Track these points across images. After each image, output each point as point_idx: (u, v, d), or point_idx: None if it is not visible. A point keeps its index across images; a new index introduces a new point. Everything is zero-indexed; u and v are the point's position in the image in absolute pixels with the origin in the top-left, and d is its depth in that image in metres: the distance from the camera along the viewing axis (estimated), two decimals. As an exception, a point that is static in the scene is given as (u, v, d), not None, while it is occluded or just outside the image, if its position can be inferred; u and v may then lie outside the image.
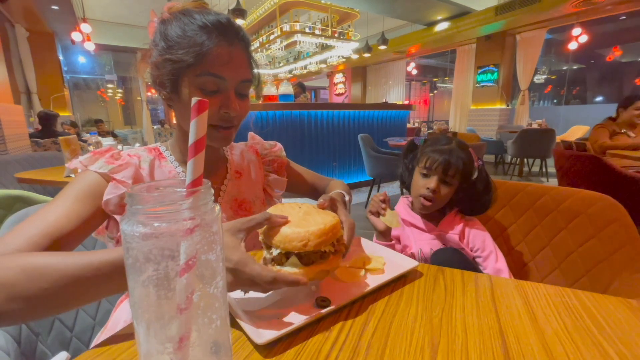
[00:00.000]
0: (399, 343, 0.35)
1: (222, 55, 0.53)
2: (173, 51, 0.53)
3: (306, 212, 0.43)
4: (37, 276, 0.35)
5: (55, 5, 5.58)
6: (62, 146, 1.48)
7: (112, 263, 0.37)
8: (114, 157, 0.56)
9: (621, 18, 7.52)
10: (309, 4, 6.11)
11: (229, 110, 0.55)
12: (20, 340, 0.49)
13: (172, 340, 0.22)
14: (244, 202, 0.69)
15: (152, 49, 0.57)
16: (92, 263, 0.36)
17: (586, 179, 1.84)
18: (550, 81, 11.58)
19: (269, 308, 0.41)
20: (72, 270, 0.36)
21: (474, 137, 4.44)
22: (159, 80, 0.56)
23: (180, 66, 0.53)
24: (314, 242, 0.38)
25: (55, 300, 0.36)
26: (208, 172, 0.66)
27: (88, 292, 0.37)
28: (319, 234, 0.39)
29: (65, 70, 8.94)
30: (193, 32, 0.53)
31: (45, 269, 0.35)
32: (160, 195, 0.23)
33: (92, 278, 0.36)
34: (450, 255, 0.71)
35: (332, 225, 0.40)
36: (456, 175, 0.77)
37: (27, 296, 0.34)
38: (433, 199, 0.77)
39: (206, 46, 0.52)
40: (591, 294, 0.44)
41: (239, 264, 0.36)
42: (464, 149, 0.78)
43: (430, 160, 0.77)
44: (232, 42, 0.55)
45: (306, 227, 0.39)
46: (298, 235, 0.38)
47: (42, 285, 0.34)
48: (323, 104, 4.11)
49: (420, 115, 13.76)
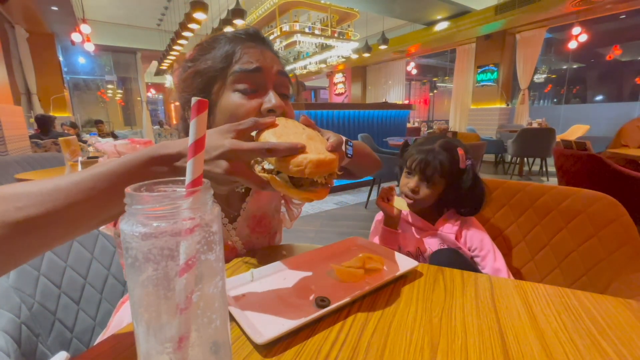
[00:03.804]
0: (398, 343, 0.35)
1: (252, 52, 0.52)
2: (201, 62, 0.53)
3: (309, 136, 0.41)
4: (11, 196, 0.31)
5: (55, 6, 5.59)
6: (62, 147, 1.49)
7: (93, 174, 0.33)
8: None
9: (621, 17, 7.51)
10: (309, 4, 6.11)
11: (273, 106, 0.50)
12: (20, 341, 0.49)
13: (171, 340, 0.22)
14: (264, 218, 0.65)
15: (179, 83, 0.56)
16: (71, 176, 0.33)
17: (586, 178, 1.84)
18: (550, 80, 11.59)
19: (268, 308, 0.42)
20: (49, 186, 0.32)
21: (474, 136, 4.44)
22: (190, 97, 0.55)
23: (211, 75, 0.52)
24: (310, 171, 0.37)
25: (36, 221, 0.31)
26: (230, 191, 0.62)
27: (71, 209, 0.32)
28: (317, 163, 0.37)
29: (65, 71, 8.96)
30: (220, 44, 0.53)
31: (20, 190, 0.32)
32: (160, 195, 0.23)
33: (72, 189, 0.32)
34: (450, 256, 0.71)
35: (331, 159, 0.39)
36: (435, 175, 0.77)
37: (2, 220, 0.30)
38: (413, 197, 0.79)
39: (233, 49, 0.52)
40: (591, 295, 0.44)
41: (234, 144, 0.35)
42: (447, 149, 0.78)
43: (411, 159, 0.80)
44: (261, 45, 0.54)
45: (306, 154, 0.38)
46: (295, 161, 0.37)
47: (17, 205, 0.30)
48: (323, 104, 4.12)
49: (420, 115, 13.77)
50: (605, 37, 9.79)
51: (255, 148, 0.36)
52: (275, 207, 0.69)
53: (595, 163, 1.76)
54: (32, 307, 0.55)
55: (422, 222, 0.82)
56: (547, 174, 4.61)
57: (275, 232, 0.71)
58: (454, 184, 0.78)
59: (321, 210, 3.25)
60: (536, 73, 9.43)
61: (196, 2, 4.81)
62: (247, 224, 0.63)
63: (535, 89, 11.13)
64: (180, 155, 0.36)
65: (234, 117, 0.50)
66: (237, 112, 0.50)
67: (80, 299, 0.65)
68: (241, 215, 0.62)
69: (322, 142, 0.42)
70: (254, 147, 0.36)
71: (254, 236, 0.65)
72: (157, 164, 0.35)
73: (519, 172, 4.86)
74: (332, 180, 0.43)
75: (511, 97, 7.12)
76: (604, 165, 1.71)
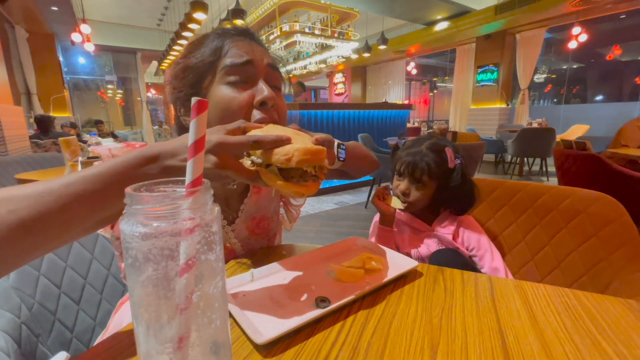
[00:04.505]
0: (398, 343, 0.35)
1: (241, 45, 0.53)
2: (191, 56, 0.53)
3: (296, 133, 0.42)
4: (2, 199, 0.31)
5: (54, 6, 5.59)
6: (62, 147, 1.49)
7: (86, 176, 0.33)
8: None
9: (621, 17, 7.52)
10: (309, 4, 6.11)
11: (265, 98, 0.50)
12: (20, 341, 0.49)
13: (171, 340, 0.22)
14: (263, 220, 0.65)
15: (170, 81, 0.56)
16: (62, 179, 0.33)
17: (586, 178, 1.84)
18: (550, 80, 11.59)
19: (269, 308, 0.42)
20: (40, 189, 0.32)
21: (474, 136, 4.44)
22: (181, 94, 0.54)
23: (201, 69, 0.52)
24: (298, 159, 0.37)
25: (29, 223, 0.31)
26: (229, 192, 0.62)
27: (64, 212, 0.32)
28: (304, 151, 0.37)
29: (65, 71, 8.96)
30: (210, 39, 0.54)
31: (11, 193, 0.32)
32: (159, 195, 0.23)
33: (63, 191, 0.32)
34: (450, 256, 0.71)
35: (318, 149, 0.39)
36: (424, 176, 0.77)
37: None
38: (405, 200, 0.79)
39: (222, 42, 0.52)
40: (591, 294, 0.44)
41: (221, 138, 0.36)
42: (434, 150, 0.79)
43: (400, 162, 0.81)
44: (250, 40, 0.55)
45: (292, 144, 0.38)
46: (282, 150, 0.37)
47: (8, 208, 0.31)
48: (323, 104, 4.12)
49: (420, 114, 13.77)
50: (605, 37, 9.80)
51: (243, 141, 0.37)
52: (274, 209, 0.69)
53: (595, 163, 1.76)
54: (32, 307, 0.55)
55: (419, 223, 0.83)
56: (547, 174, 4.60)
57: (275, 234, 0.71)
58: (445, 183, 0.79)
59: (321, 210, 3.25)
60: (536, 73, 9.43)
61: (196, 2, 4.81)
62: (245, 225, 0.63)
63: (535, 89, 11.13)
64: (168, 154, 0.36)
65: (226, 110, 0.50)
66: (230, 106, 0.50)
67: (80, 299, 0.65)
68: (240, 216, 0.62)
69: (310, 139, 0.43)
70: (241, 140, 0.37)
71: (252, 238, 0.65)
72: (147, 164, 0.36)
73: (519, 172, 4.86)
74: (323, 175, 0.43)
75: (511, 97, 7.12)
76: (604, 165, 1.71)
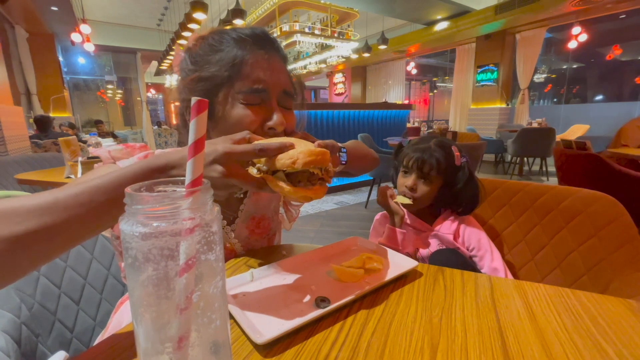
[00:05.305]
0: (398, 343, 0.35)
1: (259, 62, 0.51)
2: (205, 68, 0.51)
3: (299, 140, 0.43)
4: (10, 211, 0.31)
5: (54, 6, 5.59)
6: (62, 147, 1.49)
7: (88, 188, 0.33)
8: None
9: (621, 17, 7.51)
10: (309, 4, 6.11)
11: (274, 124, 0.51)
12: (21, 341, 0.49)
13: (171, 340, 0.22)
14: (263, 219, 0.65)
15: (180, 81, 0.55)
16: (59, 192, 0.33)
17: (586, 178, 1.84)
18: (550, 80, 11.58)
19: (268, 308, 0.42)
20: (48, 200, 0.32)
21: (474, 136, 4.44)
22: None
23: (215, 83, 0.51)
24: (303, 161, 0.37)
25: (36, 235, 0.31)
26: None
27: (65, 225, 0.33)
28: (309, 153, 0.38)
29: (65, 71, 8.96)
30: (226, 46, 0.51)
31: (18, 204, 0.32)
32: (160, 195, 0.23)
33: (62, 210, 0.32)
34: (450, 256, 0.71)
35: (322, 150, 0.40)
36: (432, 171, 0.78)
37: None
38: (411, 196, 0.79)
39: (241, 56, 0.50)
40: (591, 294, 0.44)
41: (227, 147, 0.36)
42: (442, 147, 0.80)
43: (407, 158, 0.81)
44: (269, 51, 0.53)
45: (296, 148, 0.39)
46: (287, 154, 0.38)
47: (16, 219, 0.31)
48: (323, 104, 4.12)
49: (420, 114, 13.77)
50: (605, 37, 9.79)
51: (248, 149, 0.38)
52: (274, 208, 0.69)
53: (595, 163, 1.76)
54: (32, 307, 0.55)
55: (420, 223, 0.83)
56: (547, 174, 4.61)
57: (274, 233, 0.71)
58: (450, 181, 0.79)
59: (321, 210, 3.25)
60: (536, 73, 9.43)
61: (196, 2, 4.81)
62: (245, 225, 0.63)
63: (535, 89, 11.12)
64: (175, 165, 0.37)
65: (238, 125, 0.50)
66: (242, 122, 0.51)
67: (80, 299, 0.66)
68: (239, 217, 0.62)
69: (313, 144, 0.43)
70: (247, 149, 0.38)
71: (252, 238, 0.65)
72: (154, 175, 0.36)
73: (519, 172, 4.86)
74: (330, 178, 0.43)
75: (511, 97, 7.12)
76: (604, 165, 1.71)
